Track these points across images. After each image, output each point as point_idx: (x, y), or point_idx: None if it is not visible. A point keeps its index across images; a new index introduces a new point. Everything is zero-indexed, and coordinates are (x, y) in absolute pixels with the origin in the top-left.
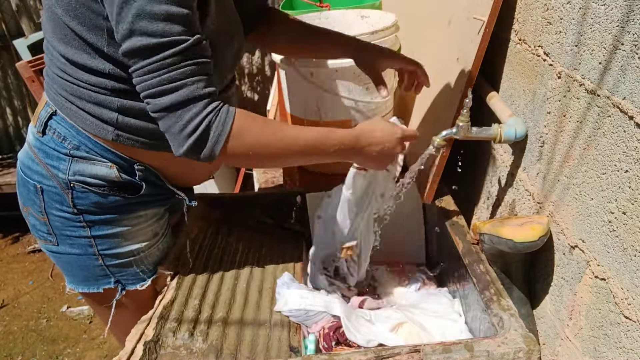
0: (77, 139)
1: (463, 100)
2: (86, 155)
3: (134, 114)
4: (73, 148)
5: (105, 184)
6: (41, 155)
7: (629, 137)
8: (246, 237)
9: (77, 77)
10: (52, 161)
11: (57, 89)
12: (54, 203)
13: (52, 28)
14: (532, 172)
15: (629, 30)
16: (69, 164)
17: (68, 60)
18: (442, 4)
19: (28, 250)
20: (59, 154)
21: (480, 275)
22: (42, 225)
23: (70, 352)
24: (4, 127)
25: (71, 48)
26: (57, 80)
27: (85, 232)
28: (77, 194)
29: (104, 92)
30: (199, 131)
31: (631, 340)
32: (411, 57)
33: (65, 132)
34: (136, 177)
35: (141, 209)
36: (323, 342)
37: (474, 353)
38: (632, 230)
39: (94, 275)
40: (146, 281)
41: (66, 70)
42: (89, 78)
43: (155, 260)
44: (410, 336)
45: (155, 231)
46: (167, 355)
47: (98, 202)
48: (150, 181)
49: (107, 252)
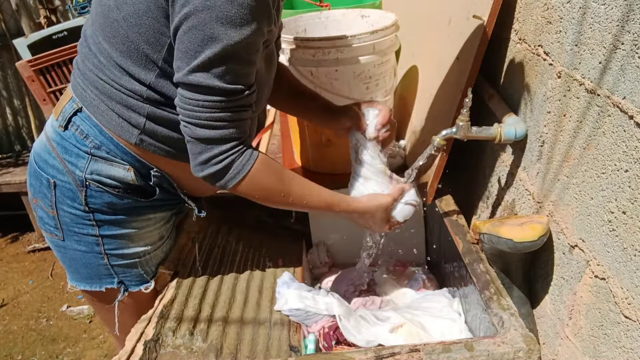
0: (100, 138)
1: (463, 99)
2: (106, 155)
3: (162, 123)
4: (94, 147)
5: (121, 185)
6: (59, 149)
7: (629, 136)
8: (246, 236)
9: (114, 79)
10: (71, 157)
11: (87, 85)
12: (65, 199)
13: (102, 25)
14: (532, 171)
15: (629, 30)
16: (87, 162)
17: (112, 61)
18: (442, 3)
19: (28, 250)
20: (79, 151)
21: (480, 275)
22: (50, 218)
23: (70, 351)
24: (3, 127)
25: (118, 51)
26: (89, 76)
27: (93, 230)
28: (91, 192)
29: (137, 98)
30: (221, 165)
31: (631, 339)
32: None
33: (88, 130)
34: (151, 181)
35: (151, 212)
36: (323, 341)
37: (474, 353)
38: (632, 229)
39: (97, 273)
40: (149, 283)
41: (105, 70)
42: (126, 83)
43: (158, 262)
44: (410, 337)
45: (161, 234)
46: (167, 355)
47: (111, 202)
48: (164, 187)
49: (113, 252)
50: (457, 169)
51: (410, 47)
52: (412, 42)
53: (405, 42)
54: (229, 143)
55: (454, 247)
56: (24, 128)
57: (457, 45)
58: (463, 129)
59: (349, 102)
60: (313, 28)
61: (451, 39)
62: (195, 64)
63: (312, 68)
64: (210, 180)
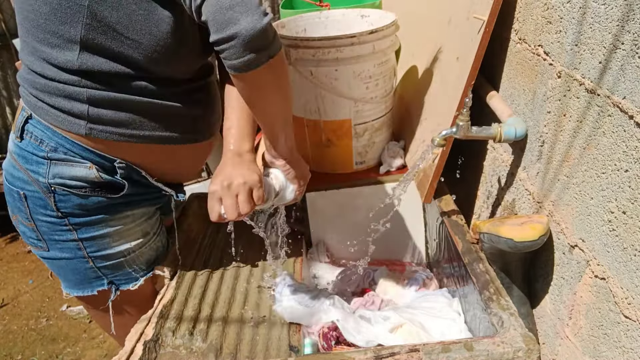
0: (54, 140)
1: (463, 99)
2: (64, 157)
3: (105, 104)
4: (50, 150)
5: (86, 185)
6: (21, 161)
7: (629, 136)
8: (246, 236)
9: (45, 73)
10: (32, 166)
11: (28, 89)
12: (38, 208)
13: (21, 20)
14: (532, 171)
15: (629, 30)
16: (47, 167)
17: (37, 55)
18: (442, 3)
19: (28, 250)
20: (37, 157)
21: (479, 275)
22: (31, 232)
23: (70, 351)
24: (3, 127)
25: (40, 42)
26: (27, 78)
27: (72, 235)
28: (59, 197)
29: (72, 83)
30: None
31: (631, 339)
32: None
33: (41, 135)
34: (117, 175)
35: (127, 210)
36: (323, 341)
37: (474, 352)
38: (632, 229)
39: (86, 278)
40: (139, 281)
41: (35, 67)
42: (57, 75)
43: (148, 259)
44: (409, 336)
45: (145, 231)
46: (167, 355)
47: (80, 204)
48: (134, 180)
49: (96, 254)
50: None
51: (410, 47)
52: (412, 42)
53: (405, 42)
54: None
55: (454, 247)
56: None
57: (457, 45)
58: (463, 129)
59: (348, 102)
60: (313, 28)
61: (451, 39)
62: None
63: (312, 68)
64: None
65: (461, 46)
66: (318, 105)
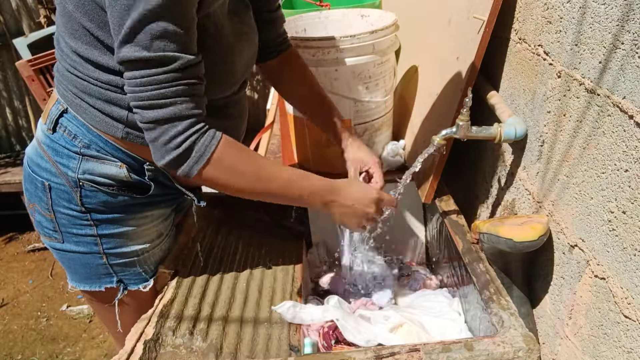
0: (88, 137)
1: (463, 99)
2: (96, 154)
3: None
4: (84, 146)
5: (115, 183)
6: (51, 152)
7: (629, 136)
8: (246, 236)
9: (87, 74)
10: (62, 159)
11: (67, 86)
12: (61, 201)
13: (64, 23)
14: (532, 171)
15: (629, 30)
16: (79, 163)
17: (79, 56)
18: (442, 3)
19: (28, 249)
20: (70, 152)
21: (480, 275)
22: (48, 222)
23: (70, 350)
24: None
25: (82, 44)
26: (67, 76)
27: (91, 230)
28: (85, 192)
29: (114, 90)
30: (182, 148)
31: (631, 339)
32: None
33: (76, 130)
34: (145, 176)
35: (148, 210)
36: (323, 341)
37: (474, 352)
38: (631, 229)
39: (96, 273)
40: (149, 282)
41: (77, 66)
42: (99, 75)
43: (157, 260)
44: (409, 336)
45: (160, 232)
46: (167, 354)
47: (106, 201)
48: (159, 181)
49: (112, 251)
50: (457, 168)
51: (410, 47)
52: (412, 42)
53: (405, 42)
54: (183, 122)
55: (454, 247)
56: (23, 128)
57: (457, 45)
58: (463, 129)
59: (348, 102)
60: (313, 28)
61: (451, 38)
62: (120, 38)
63: (312, 68)
64: (173, 167)
65: (461, 46)
66: None
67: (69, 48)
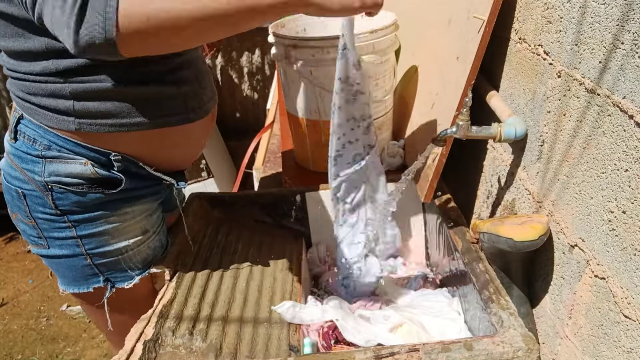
0: (46, 138)
1: (463, 99)
2: (58, 154)
3: (89, 97)
4: (44, 149)
5: (83, 181)
6: (17, 160)
7: (629, 136)
8: (246, 236)
9: (24, 71)
10: (27, 165)
11: (15, 91)
12: (37, 206)
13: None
14: (532, 171)
15: (629, 29)
16: (43, 166)
17: (11, 55)
18: (442, 2)
19: (28, 249)
20: (32, 157)
21: (479, 274)
22: (31, 229)
23: (70, 350)
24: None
25: (8, 38)
26: (12, 82)
27: (71, 232)
28: (56, 195)
29: (53, 80)
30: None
31: (631, 339)
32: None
33: (34, 134)
34: (114, 169)
35: (127, 206)
36: (322, 341)
37: (473, 352)
38: (631, 229)
39: (83, 275)
40: (134, 279)
41: (14, 68)
42: (33, 67)
43: (146, 258)
44: (409, 336)
45: (144, 228)
46: (167, 354)
47: (78, 201)
48: (132, 173)
49: (94, 251)
50: (457, 168)
51: (410, 46)
52: (412, 42)
53: (405, 42)
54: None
55: (454, 247)
56: None
57: (457, 44)
58: (463, 129)
59: None
60: (313, 28)
61: (451, 38)
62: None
63: (312, 68)
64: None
65: (461, 46)
66: (318, 105)
67: (3, 53)
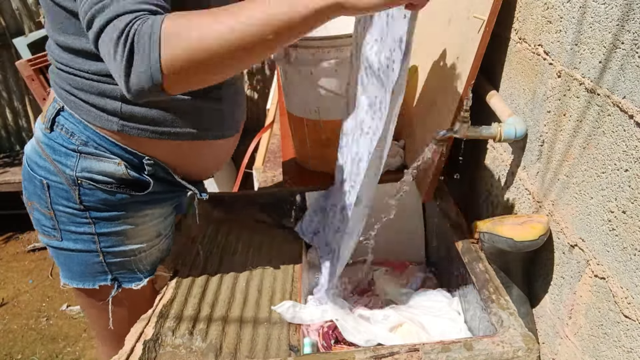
0: (85, 134)
1: (463, 99)
2: (94, 151)
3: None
4: (81, 144)
5: (113, 180)
6: (49, 151)
7: (629, 136)
8: (246, 236)
9: (77, 68)
10: (60, 157)
11: (61, 84)
12: (60, 199)
13: (50, 20)
14: (532, 171)
15: (629, 29)
16: (76, 161)
17: (67, 50)
18: (442, 2)
19: (28, 249)
20: (67, 150)
21: (479, 274)
22: (47, 220)
23: (70, 350)
24: (3, 126)
25: (69, 35)
26: (60, 74)
27: (90, 228)
28: (84, 190)
29: (105, 80)
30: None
31: (631, 339)
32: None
33: (73, 128)
34: (145, 172)
35: (148, 208)
36: (322, 341)
37: (473, 352)
38: (631, 229)
39: (92, 271)
40: (142, 281)
41: (67, 62)
42: (89, 66)
43: (154, 260)
44: (409, 335)
45: (159, 232)
46: (167, 354)
47: (105, 199)
48: (159, 177)
49: (109, 249)
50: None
51: None
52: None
53: None
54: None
55: (454, 246)
56: (23, 128)
57: (457, 44)
58: (463, 129)
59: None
60: None
61: (451, 38)
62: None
63: (312, 68)
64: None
65: (461, 46)
66: (318, 105)
67: (57, 46)
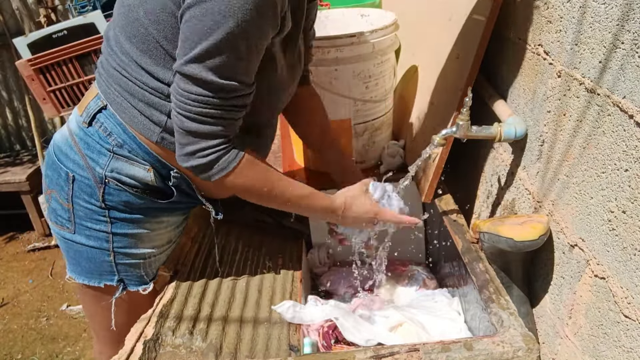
0: (123, 137)
1: (463, 98)
2: (128, 154)
3: None
4: (117, 145)
5: (140, 185)
6: (82, 145)
7: (629, 135)
8: (246, 236)
9: (135, 77)
10: (93, 154)
11: (111, 83)
12: (82, 194)
13: (123, 25)
14: (532, 171)
15: (629, 29)
16: (108, 160)
17: (132, 59)
18: (442, 2)
19: (28, 249)
20: (102, 148)
21: (479, 274)
22: (64, 211)
23: (69, 350)
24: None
25: (139, 51)
26: (113, 74)
27: (106, 227)
28: (109, 190)
29: (159, 96)
30: (206, 160)
31: (630, 339)
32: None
33: (112, 128)
34: (170, 182)
35: (165, 215)
36: (322, 340)
37: (473, 352)
38: (631, 229)
39: (100, 269)
40: (149, 285)
41: (126, 67)
42: (148, 81)
43: (160, 265)
44: (409, 335)
45: (170, 238)
46: (167, 354)
47: (128, 201)
48: (182, 189)
49: (121, 250)
50: (457, 168)
51: (410, 46)
52: (412, 42)
53: (405, 42)
54: (216, 139)
55: (454, 246)
56: (23, 127)
57: (457, 44)
58: (463, 128)
59: (348, 102)
60: None
61: (451, 38)
62: (192, 54)
63: (312, 67)
64: (194, 172)
65: (461, 45)
66: None
67: (121, 49)
